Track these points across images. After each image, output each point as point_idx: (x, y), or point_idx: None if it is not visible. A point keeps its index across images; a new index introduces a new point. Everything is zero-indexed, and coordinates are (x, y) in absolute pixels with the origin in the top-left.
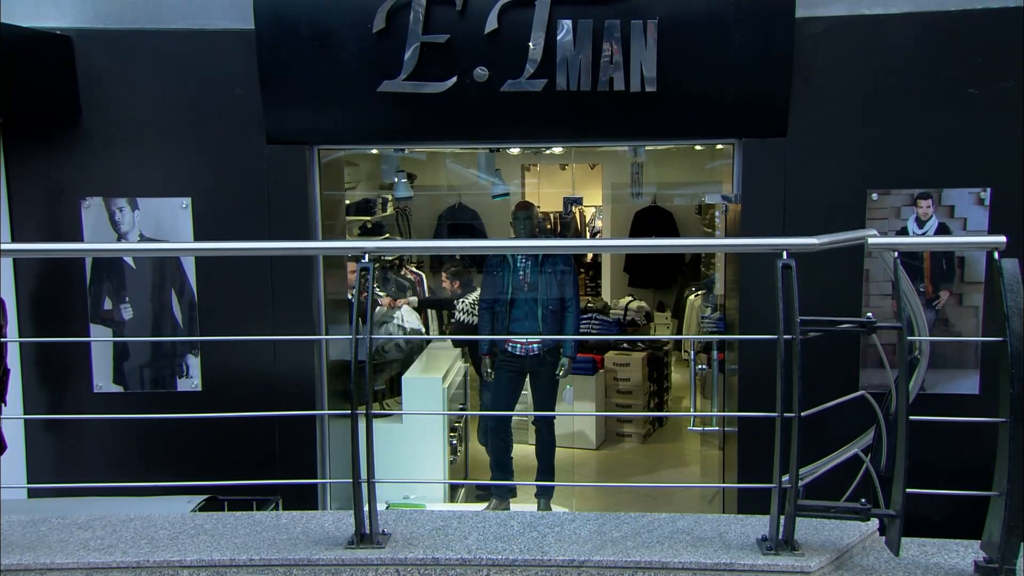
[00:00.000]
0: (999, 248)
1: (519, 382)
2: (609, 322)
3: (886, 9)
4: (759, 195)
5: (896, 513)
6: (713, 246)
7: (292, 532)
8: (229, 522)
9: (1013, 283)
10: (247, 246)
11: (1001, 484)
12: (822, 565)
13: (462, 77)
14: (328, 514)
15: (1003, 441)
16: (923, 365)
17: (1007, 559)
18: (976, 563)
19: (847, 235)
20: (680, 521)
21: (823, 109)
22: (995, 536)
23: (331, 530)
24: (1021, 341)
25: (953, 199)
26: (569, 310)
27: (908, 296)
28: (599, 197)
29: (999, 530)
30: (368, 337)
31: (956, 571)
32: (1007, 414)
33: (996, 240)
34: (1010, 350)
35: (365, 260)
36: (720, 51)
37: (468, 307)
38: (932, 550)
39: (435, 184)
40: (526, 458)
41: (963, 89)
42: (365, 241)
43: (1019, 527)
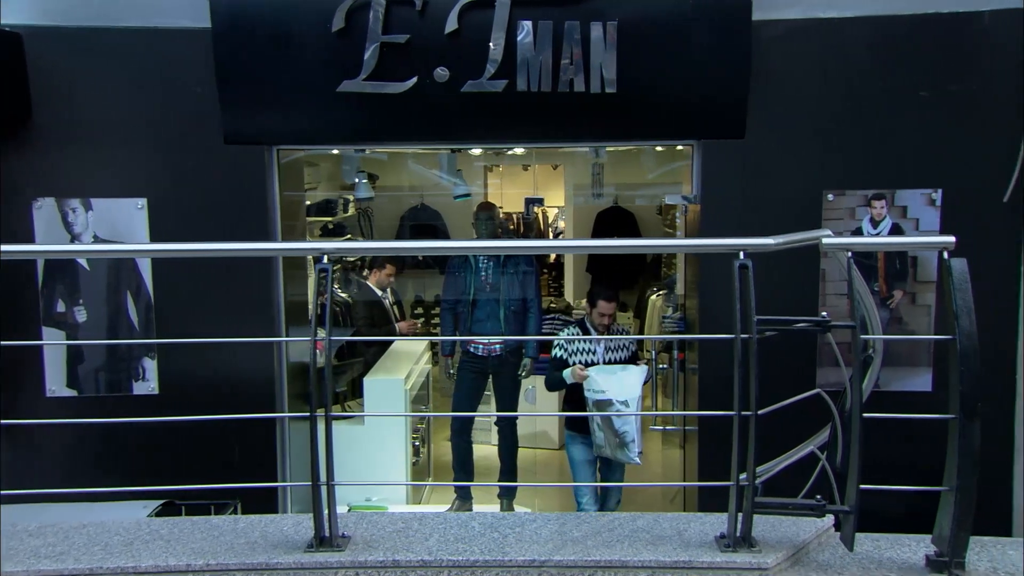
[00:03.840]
0: (948, 248)
1: (481, 383)
2: (571, 322)
3: (841, 13)
4: (718, 196)
5: (850, 509)
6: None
7: (250, 536)
8: (186, 527)
9: (962, 282)
10: (204, 247)
11: (951, 480)
12: (778, 561)
13: (423, 77)
14: (287, 517)
15: (953, 437)
16: (877, 363)
17: (956, 552)
18: (927, 557)
19: (802, 235)
20: (640, 520)
21: (780, 111)
22: (945, 530)
23: (290, 533)
24: (969, 339)
25: (906, 200)
26: (531, 311)
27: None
28: (561, 198)
29: (949, 524)
30: (327, 339)
31: (908, 565)
32: (956, 411)
33: (945, 240)
34: (959, 348)
35: (324, 261)
36: (679, 53)
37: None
38: (885, 545)
39: (397, 185)
40: (489, 459)
41: (915, 92)
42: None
43: (968, 521)
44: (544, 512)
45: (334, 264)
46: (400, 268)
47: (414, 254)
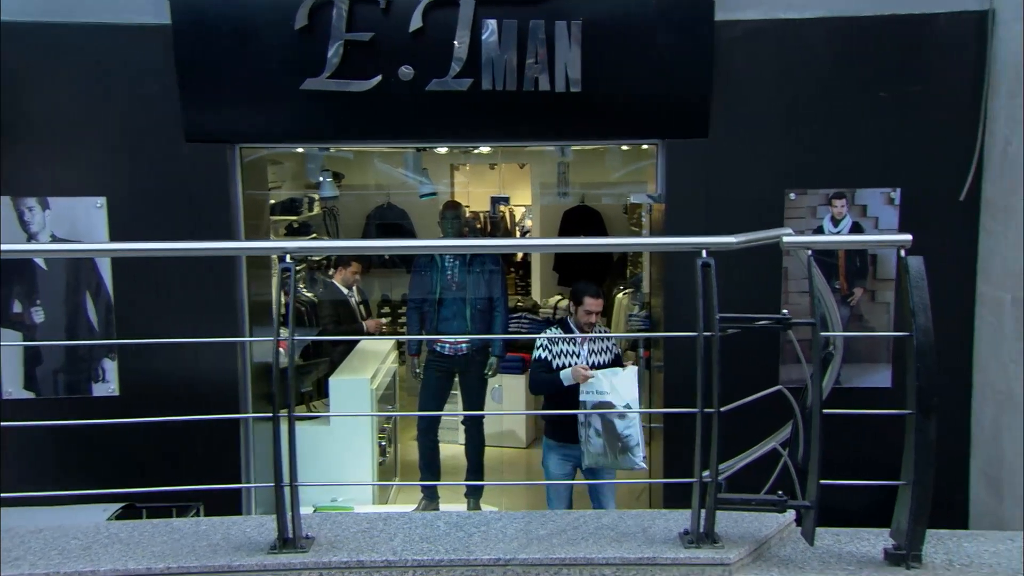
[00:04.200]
0: (905, 246)
1: (448, 382)
2: (539, 321)
3: (801, 14)
4: (682, 195)
5: (811, 504)
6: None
7: (212, 538)
8: (146, 530)
9: (918, 279)
10: (165, 247)
11: (908, 474)
12: (741, 556)
13: (387, 76)
14: (250, 519)
15: (909, 432)
16: (837, 360)
17: (914, 545)
18: (886, 550)
19: (763, 234)
20: (605, 517)
21: (743, 111)
22: (903, 524)
23: (253, 535)
24: (926, 335)
25: (865, 199)
26: (497, 309)
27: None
28: (528, 196)
29: (906, 518)
30: (291, 338)
31: (867, 558)
32: (913, 406)
33: (902, 238)
34: (915, 344)
35: (287, 261)
36: (642, 53)
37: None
38: (845, 539)
39: (363, 183)
40: (456, 458)
41: (874, 93)
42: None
43: (925, 515)
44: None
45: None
46: (366, 267)
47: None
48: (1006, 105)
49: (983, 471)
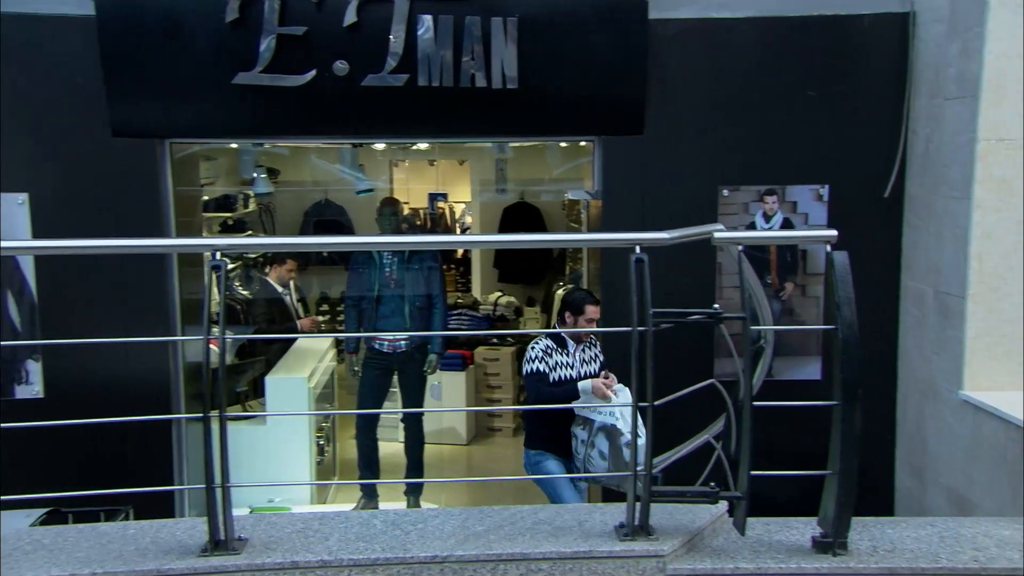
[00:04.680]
0: (831, 241)
1: (386, 380)
2: (479, 317)
3: (733, 13)
4: (619, 191)
5: (742, 495)
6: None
7: (141, 543)
8: (71, 535)
9: (843, 274)
10: (91, 243)
11: (834, 464)
12: (675, 548)
13: (321, 71)
14: (180, 522)
15: (835, 423)
16: (768, 353)
17: (840, 533)
18: (813, 538)
19: (695, 230)
20: (542, 512)
21: (677, 108)
22: (830, 512)
23: (183, 538)
24: (850, 328)
25: (796, 195)
26: (436, 306)
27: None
28: (468, 193)
29: (833, 507)
30: (221, 337)
31: (796, 547)
32: (839, 398)
33: (828, 234)
34: (841, 337)
35: (217, 258)
36: (578, 50)
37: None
38: (775, 528)
39: (300, 180)
40: (395, 456)
41: (803, 91)
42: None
43: (850, 503)
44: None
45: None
46: (304, 265)
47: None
48: (927, 105)
49: (907, 460)
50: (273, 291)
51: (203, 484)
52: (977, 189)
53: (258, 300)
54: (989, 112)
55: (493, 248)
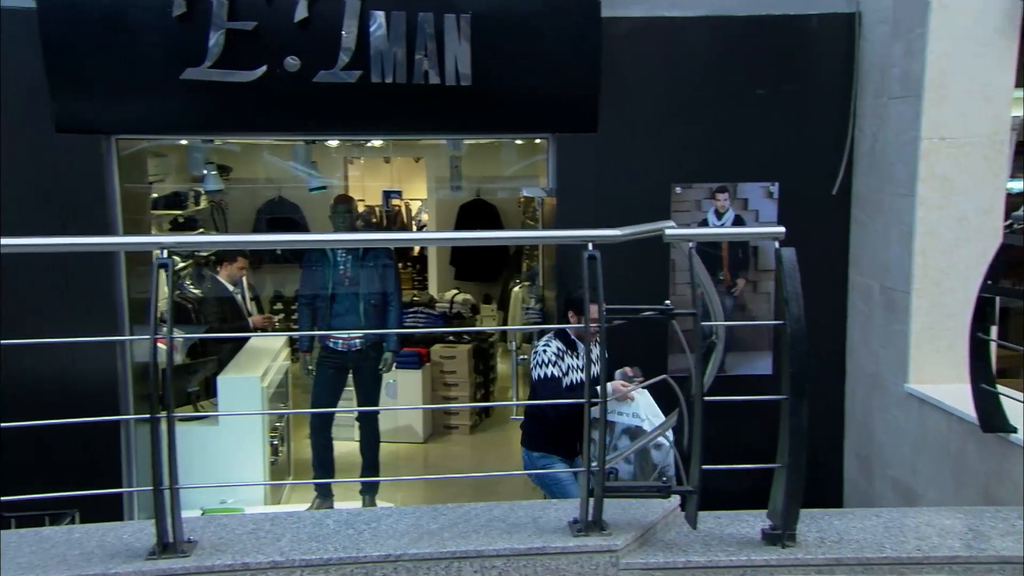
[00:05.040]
0: (779, 238)
1: (341, 378)
2: (435, 315)
3: (683, 12)
4: (573, 189)
5: (693, 489)
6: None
7: (86, 547)
8: (12, 540)
9: (791, 270)
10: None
11: (783, 457)
12: (627, 542)
13: (272, 66)
14: (127, 525)
15: (784, 417)
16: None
17: (788, 525)
18: (763, 531)
19: (646, 227)
20: (496, 509)
21: (631, 106)
22: (778, 505)
23: (130, 541)
24: (798, 323)
25: (747, 193)
26: (391, 304)
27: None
28: (424, 190)
29: (782, 499)
30: (168, 337)
31: (746, 539)
32: (787, 392)
33: (776, 230)
34: (789, 332)
35: (163, 256)
36: (531, 48)
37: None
38: (726, 522)
39: (253, 177)
40: (351, 455)
41: (753, 90)
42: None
43: (798, 496)
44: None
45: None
46: (257, 263)
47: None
48: (873, 104)
49: (855, 451)
50: (224, 290)
51: (152, 486)
52: (921, 187)
53: (209, 299)
54: (931, 111)
55: (448, 245)
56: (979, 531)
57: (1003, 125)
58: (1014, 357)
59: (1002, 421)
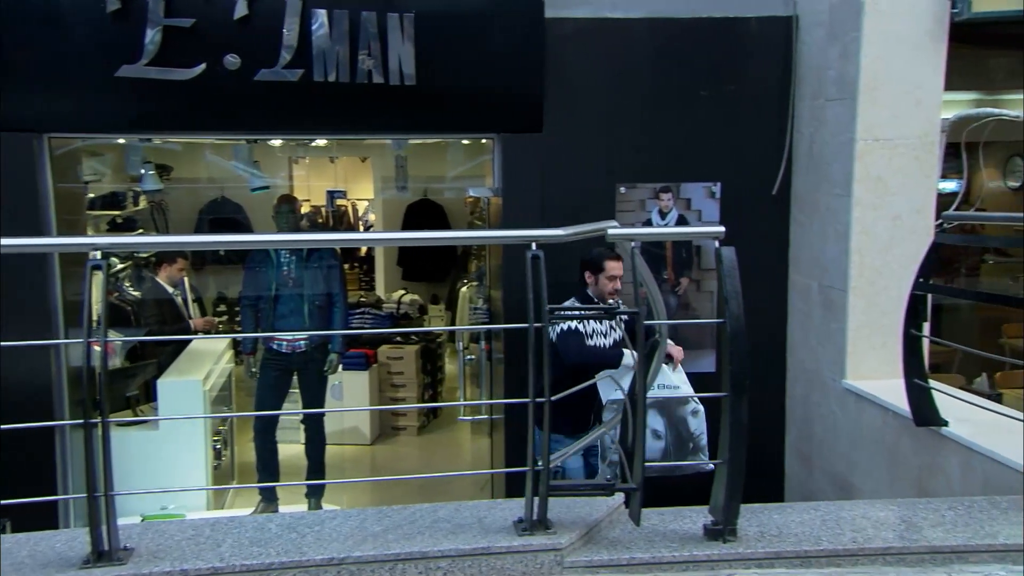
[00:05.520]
0: (719, 237)
1: (286, 380)
2: (382, 316)
3: (626, 13)
4: (518, 189)
5: (636, 487)
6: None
7: (16, 556)
8: None
9: (731, 269)
10: None
11: (723, 453)
12: (572, 541)
13: (211, 64)
14: (61, 533)
15: (724, 414)
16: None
17: (729, 520)
18: (705, 526)
19: (589, 227)
20: (442, 510)
21: (575, 107)
22: (720, 500)
23: (63, 550)
24: (737, 321)
25: (690, 192)
26: (336, 305)
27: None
28: (371, 190)
29: (723, 495)
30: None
31: (688, 535)
32: (727, 389)
33: (716, 230)
34: (729, 330)
35: (97, 257)
36: (476, 47)
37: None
38: (669, 518)
39: (194, 177)
40: (296, 458)
41: (695, 91)
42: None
43: (739, 491)
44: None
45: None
46: (200, 264)
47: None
48: (810, 105)
49: (795, 447)
50: (164, 291)
51: (86, 493)
52: (856, 187)
53: (148, 301)
54: (866, 113)
55: (394, 246)
56: (912, 522)
57: (933, 127)
58: (948, 352)
59: (934, 415)
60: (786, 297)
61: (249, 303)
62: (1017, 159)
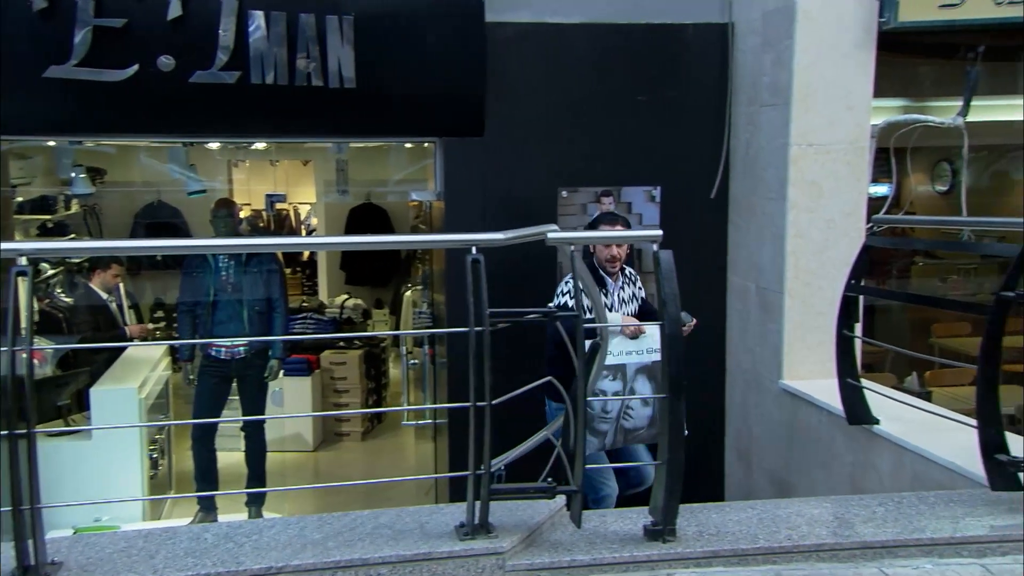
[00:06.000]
0: (657, 240)
1: (225, 388)
2: (325, 321)
3: (566, 18)
4: (460, 192)
5: (577, 489)
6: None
7: None
8: None
9: (668, 272)
10: None
11: (663, 454)
12: (513, 544)
13: (144, 66)
14: None
15: (663, 415)
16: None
17: (669, 520)
18: (645, 527)
19: (529, 231)
20: (383, 516)
21: (517, 111)
22: (659, 501)
23: None
24: (675, 324)
25: (631, 196)
26: (277, 310)
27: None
28: (313, 194)
29: (662, 496)
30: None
31: (629, 536)
32: (665, 391)
33: (654, 233)
34: (667, 332)
35: (23, 263)
36: (416, 51)
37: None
38: (611, 520)
39: (129, 180)
40: (237, 466)
41: (635, 96)
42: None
43: (678, 491)
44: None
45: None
46: (136, 269)
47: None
48: (746, 111)
49: (735, 446)
50: (98, 298)
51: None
52: (791, 191)
53: (81, 307)
54: (799, 119)
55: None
56: (844, 519)
57: (864, 132)
58: (880, 352)
59: (866, 413)
60: (725, 299)
61: (187, 309)
62: (944, 164)
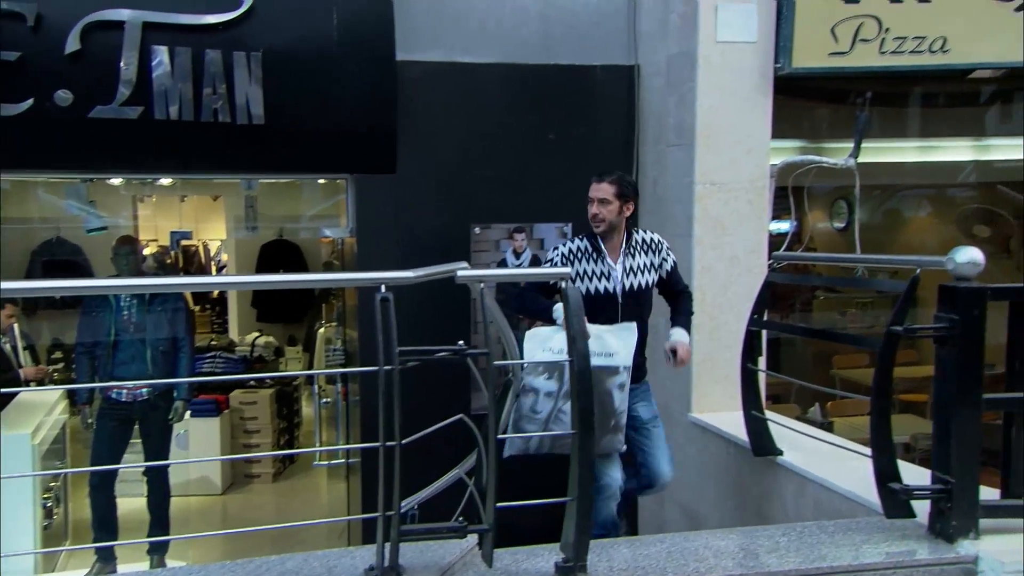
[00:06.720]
0: (566, 278)
1: (126, 431)
2: (234, 360)
3: (476, 58)
4: (373, 229)
5: (488, 527)
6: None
7: None
8: None
9: (577, 308)
10: None
11: (573, 490)
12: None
13: (41, 100)
14: None
15: (573, 451)
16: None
17: (579, 556)
18: (556, 564)
19: (439, 268)
20: (290, 561)
21: (429, 148)
22: (570, 538)
23: None
24: (583, 360)
25: (543, 232)
26: (182, 350)
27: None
28: (223, 230)
29: (573, 532)
30: None
31: (540, 573)
32: (575, 427)
33: (562, 271)
34: (576, 369)
35: None
36: (326, 88)
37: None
38: (522, 557)
39: (25, 216)
40: (139, 512)
41: (545, 134)
42: None
43: (588, 528)
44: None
45: None
46: (32, 309)
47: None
48: (653, 150)
49: None
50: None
51: None
52: (696, 227)
53: None
54: (703, 158)
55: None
56: (750, 550)
57: (763, 172)
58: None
59: (770, 445)
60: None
61: (85, 350)
62: (842, 202)
